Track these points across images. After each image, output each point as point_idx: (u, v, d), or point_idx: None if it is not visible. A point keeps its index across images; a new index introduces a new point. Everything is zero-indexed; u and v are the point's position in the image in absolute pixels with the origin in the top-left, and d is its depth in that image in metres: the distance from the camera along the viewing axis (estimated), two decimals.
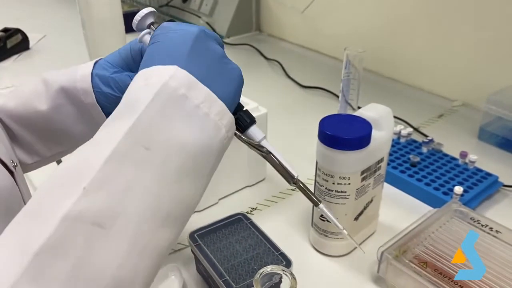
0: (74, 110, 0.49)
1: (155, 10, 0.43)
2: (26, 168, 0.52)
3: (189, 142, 0.33)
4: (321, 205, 0.45)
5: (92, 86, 0.47)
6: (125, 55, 0.48)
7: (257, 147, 0.42)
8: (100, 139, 0.33)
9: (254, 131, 0.42)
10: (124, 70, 0.48)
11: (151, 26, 0.44)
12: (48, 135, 0.51)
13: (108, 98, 0.47)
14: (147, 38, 0.43)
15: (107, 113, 0.47)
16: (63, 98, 0.48)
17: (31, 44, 1.43)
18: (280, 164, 0.42)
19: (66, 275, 0.27)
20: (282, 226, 0.70)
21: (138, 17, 0.43)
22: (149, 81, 0.34)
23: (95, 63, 0.48)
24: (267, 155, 0.42)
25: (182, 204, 0.33)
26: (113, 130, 0.32)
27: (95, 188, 0.29)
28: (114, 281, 0.28)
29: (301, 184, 0.43)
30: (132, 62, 0.48)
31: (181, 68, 0.35)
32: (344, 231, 0.45)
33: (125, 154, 0.31)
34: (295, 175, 0.43)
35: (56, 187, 0.30)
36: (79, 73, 0.47)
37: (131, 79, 0.45)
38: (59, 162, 0.76)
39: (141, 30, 0.44)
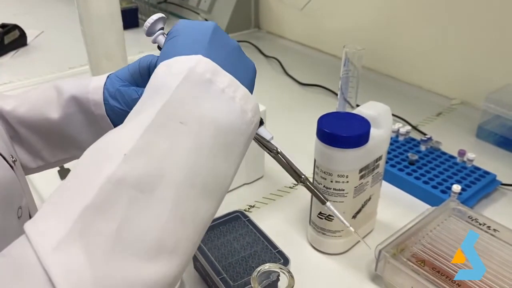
0: (84, 119, 0.50)
1: (165, 16, 0.44)
2: (28, 171, 0.53)
3: (219, 120, 0.34)
4: (328, 203, 0.46)
5: (103, 99, 0.48)
6: (133, 71, 0.49)
7: (268, 146, 0.43)
8: (135, 117, 0.34)
9: (263, 132, 0.43)
10: (131, 85, 0.49)
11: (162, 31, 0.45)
12: (55, 142, 0.51)
13: (114, 111, 0.48)
14: (161, 38, 0.44)
15: (116, 125, 0.48)
16: (73, 107, 0.49)
17: (28, 40, 1.42)
18: (289, 163, 0.43)
19: (111, 234, 0.28)
20: (280, 224, 0.70)
21: (148, 22, 0.44)
22: (174, 69, 0.35)
23: (107, 77, 0.50)
24: (276, 155, 0.43)
25: (217, 178, 0.34)
26: (147, 108, 0.33)
27: (135, 154, 0.31)
28: (156, 244, 0.30)
29: (308, 183, 0.45)
30: (140, 78, 0.49)
31: (204, 57, 0.36)
32: (351, 228, 0.46)
33: (162, 126, 0.32)
34: (303, 174, 0.44)
35: (97, 156, 0.32)
36: (92, 85, 0.49)
37: (137, 93, 0.46)
38: (61, 167, 0.76)
39: (150, 35, 0.44)
